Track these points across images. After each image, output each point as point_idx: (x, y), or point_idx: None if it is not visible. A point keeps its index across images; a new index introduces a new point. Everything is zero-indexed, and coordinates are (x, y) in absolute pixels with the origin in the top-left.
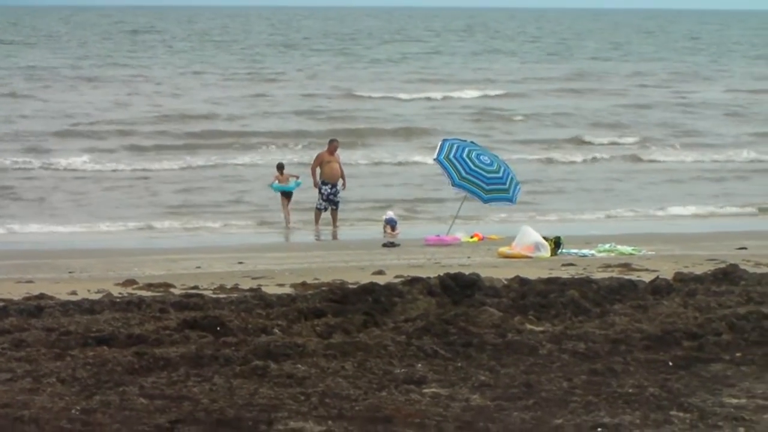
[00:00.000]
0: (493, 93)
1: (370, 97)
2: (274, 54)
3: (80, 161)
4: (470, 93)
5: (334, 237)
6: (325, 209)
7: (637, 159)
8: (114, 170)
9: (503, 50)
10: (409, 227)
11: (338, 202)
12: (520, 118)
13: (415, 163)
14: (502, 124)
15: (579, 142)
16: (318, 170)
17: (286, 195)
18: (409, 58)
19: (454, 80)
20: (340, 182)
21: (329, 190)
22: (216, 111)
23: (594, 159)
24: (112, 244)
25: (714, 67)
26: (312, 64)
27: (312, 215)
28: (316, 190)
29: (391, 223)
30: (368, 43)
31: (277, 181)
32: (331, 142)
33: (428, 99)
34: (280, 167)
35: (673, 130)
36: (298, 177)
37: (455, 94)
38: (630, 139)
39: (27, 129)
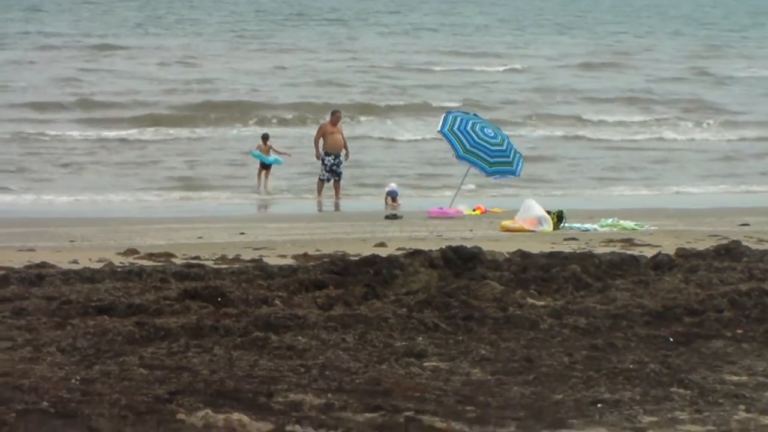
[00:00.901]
0: (509, 67)
1: (383, 67)
2: (287, 24)
3: (85, 132)
4: (491, 67)
5: (337, 208)
6: (328, 180)
7: (659, 137)
8: (118, 139)
9: (519, 22)
10: (412, 200)
11: (341, 173)
12: (540, 92)
13: (430, 139)
14: (522, 98)
15: (592, 118)
16: (321, 141)
17: (264, 165)
18: (421, 29)
19: (471, 53)
20: (342, 153)
21: (332, 161)
22: (232, 82)
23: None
24: (114, 213)
25: (730, 41)
26: (326, 34)
27: (315, 185)
28: (319, 162)
29: (392, 194)
30: (378, 15)
31: (258, 150)
32: (334, 113)
33: (446, 71)
34: (265, 137)
35: (695, 106)
36: (287, 154)
37: (477, 68)
38: (651, 116)
39: (32, 98)
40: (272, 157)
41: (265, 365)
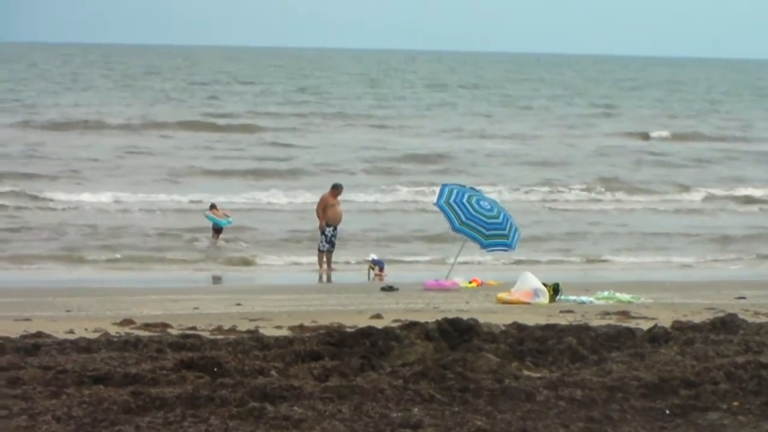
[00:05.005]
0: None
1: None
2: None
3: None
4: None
5: (329, 279)
6: (328, 251)
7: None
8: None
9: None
10: (408, 271)
11: (335, 244)
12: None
13: None
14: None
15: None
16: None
17: (217, 229)
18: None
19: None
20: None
21: (332, 232)
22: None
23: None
24: (110, 283)
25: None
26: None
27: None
28: (320, 232)
29: (379, 264)
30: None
31: (212, 215)
32: (336, 186)
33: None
34: (213, 207)
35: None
36: (229, 216)
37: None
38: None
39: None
40: (224, 220)
41: None
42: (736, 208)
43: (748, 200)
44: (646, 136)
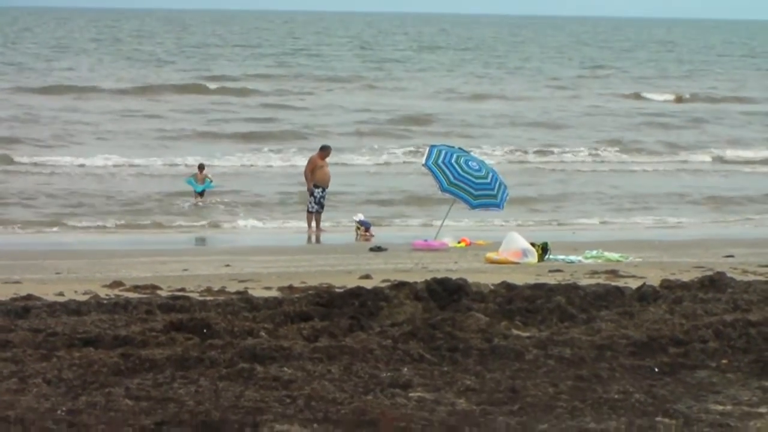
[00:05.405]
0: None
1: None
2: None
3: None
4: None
5: (318, 240)
6: (317, 212)
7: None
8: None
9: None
10: (397, 231)
11: (324, 205)
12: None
13: None
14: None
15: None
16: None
17: (200, 192)
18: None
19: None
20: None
21: (321, 194)
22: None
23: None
24: (99, 245)
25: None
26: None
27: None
28: (309, 194)
29: (365, 225)
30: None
31: (194, 178)
32: (325, 148)
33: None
34: (201, 167)
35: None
36: (212, 180)
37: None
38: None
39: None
40: (201, 185)
41: (251, 396)
42: (730, 168)
43: (743, 161)
44: (639, 97)
